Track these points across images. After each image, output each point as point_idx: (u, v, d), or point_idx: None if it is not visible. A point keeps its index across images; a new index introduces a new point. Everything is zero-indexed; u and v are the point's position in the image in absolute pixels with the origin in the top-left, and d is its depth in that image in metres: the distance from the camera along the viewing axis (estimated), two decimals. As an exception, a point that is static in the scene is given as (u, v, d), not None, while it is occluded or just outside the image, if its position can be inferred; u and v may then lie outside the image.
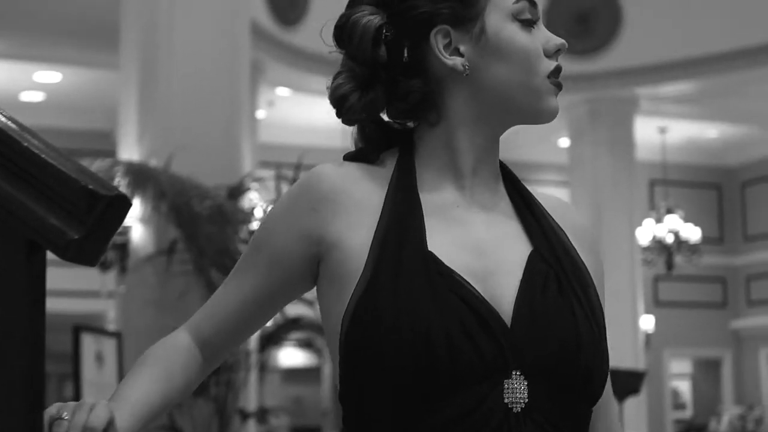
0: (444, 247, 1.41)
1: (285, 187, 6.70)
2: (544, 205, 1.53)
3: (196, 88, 6.83)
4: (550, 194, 1.58)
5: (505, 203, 1.51)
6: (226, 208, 6.21)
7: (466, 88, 1.47)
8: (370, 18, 1.50)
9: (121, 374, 6.29)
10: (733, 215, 14.06)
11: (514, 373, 1.36)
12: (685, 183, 13.55)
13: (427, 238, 1.41)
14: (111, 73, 8.78)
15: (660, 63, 10.00)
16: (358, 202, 1.45)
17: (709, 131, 12.79)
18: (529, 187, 1.56)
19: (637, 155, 11.12)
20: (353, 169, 1.50)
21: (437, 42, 1.46)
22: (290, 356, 15.15)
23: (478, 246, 1.44)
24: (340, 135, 11.78)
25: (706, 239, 12.89)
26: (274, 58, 9.59)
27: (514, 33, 1.46)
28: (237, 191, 6.53)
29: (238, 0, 7.25)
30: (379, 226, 1.41)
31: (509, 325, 1.38)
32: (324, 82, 1.64)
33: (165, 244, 6.35)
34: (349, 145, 1.60)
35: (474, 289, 1.38)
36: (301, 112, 11.63)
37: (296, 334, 7.01)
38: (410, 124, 1.52)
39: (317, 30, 1.61)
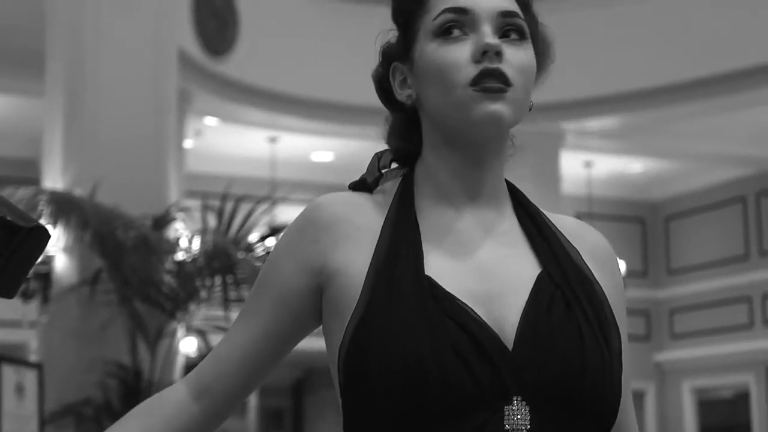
0: (444, 271, 1.39)
1: (211, 217, 6.66)
2: (557, 226, 1.49)
3: (122, 116, 6.77)
4: (565, 216, 1.55)
5: (512, 224, 1.48)
6: (151, 238, 6.16)
7: (425, 116, 1.49)
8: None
9: (42, 406, 6.18)
10: (657, 249, 14.22)
11: (515, 398, 1.33)
12: (609, 216, 13.69)
13: (427, 263, 1.39)
14: (36, 100, 8.67)
15: (586, 98, 10.12)
16: (359, 231, 1.44)
17: (634, 166, 12.95)
18: (544, 210, 1.53)
19: (563, 189, 11.22)
20: (354, 197, 1.50)
21: (394, 79, 1.52)
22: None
23: (482, 268, 1.41)
24: (268, 165, 11.75)
25: (630, 272, 13.04)
26: (202, 87, 9.55)
27: (431, 51, 1.44)
28: (162, 221, 6.48)
29: (165, 29, 7.21)
30: (377, 253, 1.40)
31: (510, 349, 1.35)
32: (252, 111, 1.64)
33: (89, 273, 6.27)
34: (278, 175, 1.59)
35: (473, 312, 1.35)
36: (229, 142, 11.58)
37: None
38: None
39: (246, 60, 1.60)
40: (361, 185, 1.53)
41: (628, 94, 10.17)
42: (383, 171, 1.55)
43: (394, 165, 1.56)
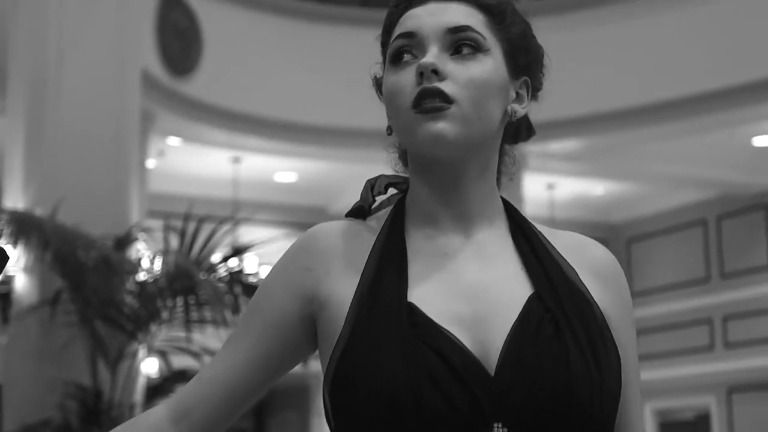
0: (429, 296, 1.38)
1: (173, 238, 6.63)
2: (558, 244, 1.47)
3: (84, 136, 6.74)
4: (568, 232, 1.52)
5: (506, 245, 1.45)
6: (113, 259, 6.12)
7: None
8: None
9: (1, 426, 6.12)
10: (619, 271, 14.31)
11: (495, 425, 1.31)
12: (572, 239, 13.75)
13: (412, 288, 1.38)
14: (-3, 119, 8.62)
15: (548, 121, 10.17)
16: (351, 260, 1.43)
17: (596, 188, 13.02)
18: (545, 226, 1.50)
19: (526, 210, 11.27)
20: (350, 226, 1.48)
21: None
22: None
23: (470, 291, 1.39)
24: (231, 185, 11.72)
25: (592, 294, 13.10)
26: (165, 107, 9.52)
27: (387, 78, 1.45)
28: (124, 241, 6.44)
29: (128, 49, 7.19)
30: (361, 283, 1.40)
31: (493, 374, 1.32)
32: (215, 132, 1.63)
33: (49, 294, 6.22)
34: (241, 195, 1.58)
35: (454, 337, 1.33)
36: (192, 162, 11.54)
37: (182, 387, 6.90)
38: None
39: (209, 80, 1.60)
40: (356, 213, 1.51)
41: (591, 116, 10.23)
42: (377, 197, 1.53)
43: (393, 190, 1.54)
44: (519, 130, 1.56)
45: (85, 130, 6.74)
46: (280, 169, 11.99)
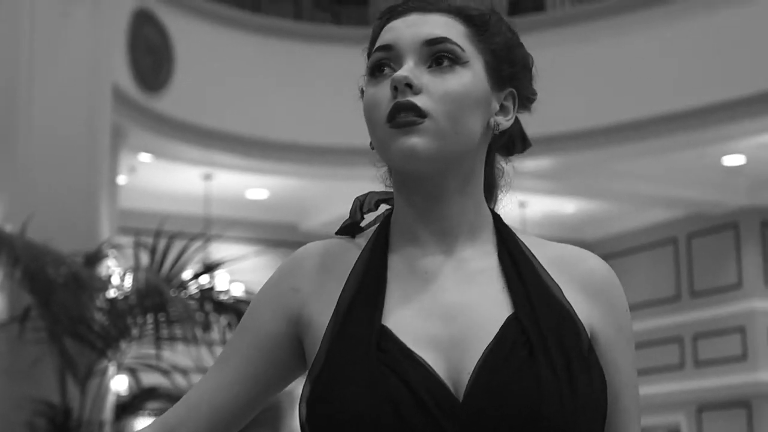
0: (405, 319, 1.35)
1: (144, 254, 6.61)
2: (547, 258, 1.42)
3: (55, 152, 6.71)
4: (561, 244, 1.47)
5: (491, 263, 1.41)
6: (82, 275, 6.09)
7: None
8: None
9: (-32, 445, 6.07)
10: (589, 289, 14.34)
11: None
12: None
13: (389, 310, 1.36)
14: (-33, 134, 8.56)
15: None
16: (335, 280, 1.41)
17: (567, 206, 13.06)
18: (537, 237, 1.47)
19: (497, 229, 11.27)
20: (338, 245, 1.46)
21: None
22: (146, 427, 14.82)
23: (448, 313, 1.36)
24: (202, 202, 11.69)
25: (563, 312, 13.12)
26: (136, 123, 9.49)
27: (365, 92, 1.42)
28: (94, 258, 6.41)
29: (99, 64, 7.17)
30: (338, 305, 1.38)
31: (461, 400, 1.29)
32: (187, 148, 1.61)
33: (18, 310, 6.18)
34: (212, 212, 1.56)
35: (424, 362, 1.31)
36: (163, 179, 11.51)
37: (153, 404, 6.87)
38: None
39: (181, 97, 1.58)
40: (345, 230, 1.48)
41: (562, 135, 10.27)
42: (368, 214, 1.50)
43: (386, 206, 1.51)
44: (513, 142, 1.54)
45: (55, 146, 6.71)
46: (252, 186, 11.97)
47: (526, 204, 12.62)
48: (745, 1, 9.68)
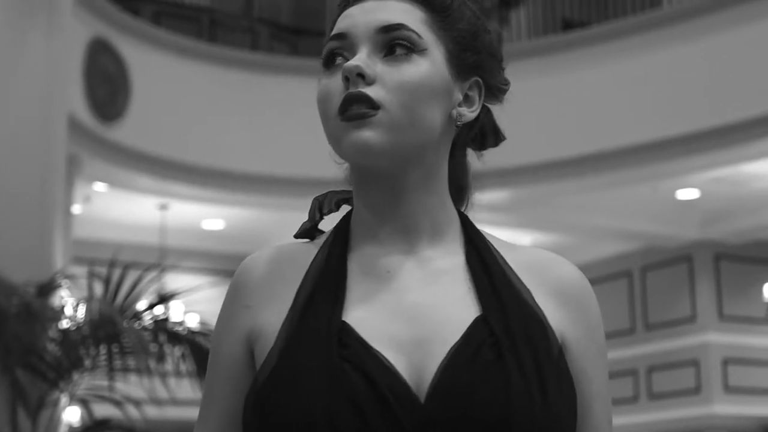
0: (367, 318, 1.28)
1: (98, 285, 6.56)
2: (517, 261, 1.36)
3: (8, 180, 6.66)
4: (533, 248, 1.41)
5: (457, 263, 1.34)
6: (35, 306, 6.03)
7: None
8: None
9: None
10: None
11: None
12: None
13: (350, 309, 1.28)
14: None
15: (475, 172, 10.23)
16: (286, 285, 1.33)
17: (522, 239, 13.12)
18: (506, 241, 1.41)
19: (453, 261, 11.31)
20: (287, 249, 1.38)
21: None
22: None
23: (411, 313, 1.28)
24: (158, 232, 11.63)
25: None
26: (91, 153, 9.45)
27: (319, 84, 1.34)
28: (47, 288, 6.35)
29: (55, 93, 7.13)
30: (293, 306, 1.30)
31: (423, 401, 1.22)
32: (142, 178, 1.58)
33: (-31, 341, 6.11)
34: (168, 242, 1.54)
35: (386, 360, 1.24)
36: (119, 208, 11.45)
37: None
38: None
39: (137, 126, 1.55)
40: (304, 233, 1.41)
41: (517, 168, 10.32)
42: (328, 215, 1.43)
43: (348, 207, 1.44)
44: (485, 135, 1.47)
45: (9, 175, 6.66)
46: (208, 217, 11.93)
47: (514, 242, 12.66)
48: (698, 36, 9.80)
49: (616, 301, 13.32)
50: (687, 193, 11.13)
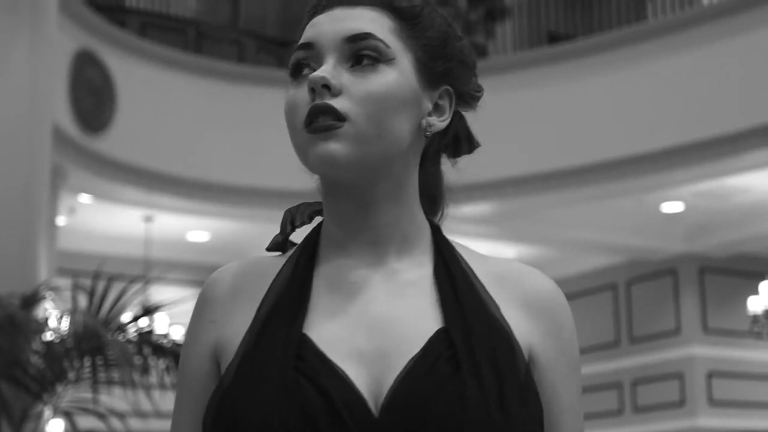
0: (329, 330, 1.26)
1: (82, 297, 6.54)
2: (487, 273, 1.33)
3: (-7, 192, 6.64)
4: (504, 259, 1.38)
5: (425, 274, 1.32)
6: (19, 318, 6.01)
7: None
8: None
9: None
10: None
11: None
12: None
13: (313, 321, 1.27)
14: None
15: (461, 184, 10.24)
16: (252, 298, 1.32)
17: (507, 251, 13.13)
18: (478, 252, 1.39)
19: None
20: (255, 262, 1.36)
21: None
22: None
23: (375, 324, 1.27)
24: (142, 244, 11.61)
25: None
26: (76, 164, 9.42)
27: (286, 94, 1.32)
28: (31, 300, 6.33)
29: (40, 105, 7.12)
30: (256, 318, 1.29)
31: (378, 414, 1.21)
32: (127, 190, 1.56)
33: (-48, 353, 6.09)
34: (153, 254, 1.52)
35: (343, 373, 1.22)
36: (103, 220, 11.42)
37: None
38: None
39: (122, 138, 1.53)
40: (276, 246, 1.39)
41: (502, 181, 10.34)
42: (301, 227, 1.41)
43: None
44: (458, 143, 1.43)
45: (-7, 186, 6.64)
46: (193, 228, 11.90)
47: (486, 254, 12.66)
48: (683, 50, 9.83)
49: (601, 314, 13.33)
50: (672, 207, 11.16)
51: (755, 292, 10.26)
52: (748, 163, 9.65)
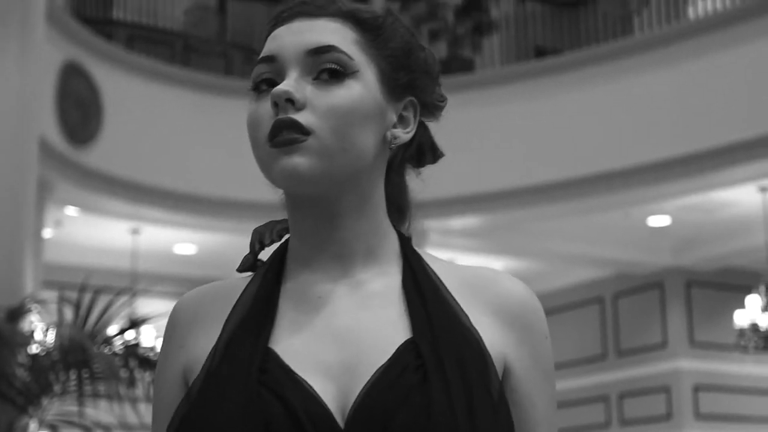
0: (295, 343, 1.24)
1: (68, 309, 6.52)
2: (457, 282, 1.31)
3: (-21, 204, 6.62)
4: (476, 267, 1.35)
5: (392, 285, 1.30)
6: (4, 330, 5.99)
7: None
8: None
9: None
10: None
11: None
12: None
13: (278, 335, 1.25)
14: None
15: (449, 197, 10.26)
16: (220, 318, 1.30)
17: (495, 264, 13.13)
18: (450, 261, 1.36)
19: (425, 286, 11.29)
20: (226, 284, 1.35)
21: None
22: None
23: (341, 337, 1.25)
24: (129, 256, 11.58)
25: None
26: (63, 177, 9.41)
27: (248, 109, 1.31)
28: (17, 313, 6.31)
29: (26, 117, 7.11)
30: (221, 335, 1.27)
31: (343, 426, 1.19)
32: (114, 202, 1.55)
33: (-63, 366, 6.06)
34: (140, 267, 1.52)
35: (307, 385, 1.21)
36: (90, 233, 11.40)
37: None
38: None
39: (109, 150, 1.52)
40: (245, 266, 1.38)
41: (490, 194, 10.35)
42: (268, 245, 1.39)
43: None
44: (422, 153, 1.40)
45: (-21, 199, 6.63)
46: (180, 241, 11.89)
47: (455, 262, 12.66)
48: (670, 64, 9.86)
49: (588, 327, 13.34)
50: (658, 220, 11.18)
51: (742, 305, 10.27)
52: (735, 177, 9.68)
